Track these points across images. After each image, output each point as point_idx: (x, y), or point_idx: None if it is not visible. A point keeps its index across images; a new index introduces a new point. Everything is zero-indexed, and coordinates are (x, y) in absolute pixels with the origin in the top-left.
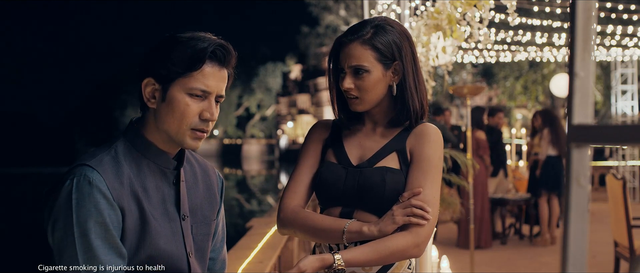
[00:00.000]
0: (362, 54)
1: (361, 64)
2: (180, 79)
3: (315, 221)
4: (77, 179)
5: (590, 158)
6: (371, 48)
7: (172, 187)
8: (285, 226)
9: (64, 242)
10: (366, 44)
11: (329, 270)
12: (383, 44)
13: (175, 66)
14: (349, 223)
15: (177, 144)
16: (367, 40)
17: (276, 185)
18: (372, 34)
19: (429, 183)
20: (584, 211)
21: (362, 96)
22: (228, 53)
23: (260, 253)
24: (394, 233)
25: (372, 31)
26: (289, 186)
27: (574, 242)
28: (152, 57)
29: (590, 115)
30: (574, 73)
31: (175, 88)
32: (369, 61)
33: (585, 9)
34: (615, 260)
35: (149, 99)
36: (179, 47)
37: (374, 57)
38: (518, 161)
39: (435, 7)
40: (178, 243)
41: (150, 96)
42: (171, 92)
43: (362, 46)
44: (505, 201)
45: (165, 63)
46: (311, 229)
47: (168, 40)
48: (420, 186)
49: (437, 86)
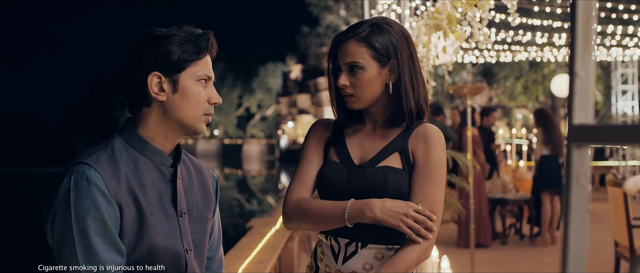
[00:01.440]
0: (357, 52)
1: (356, 61)
2: (188, 68)
3: (316, 208)
4: (74, 177)
5: (590, 158)
6: (367, 45)
7: (169, 184)
8: (290, 219)
9: (63, 239)
10: (362, 41)
11: None
12: (379, 42)
13: (183, 56)
14: (350, 204)
15: (188, 132)
16: (363, 38)
17: (276, 185)
18: (369, 33)
19: (434, 186)
20: (584, 211)
21: (357, 94)
22: (215, 42)
23: (261, 254)
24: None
25: (369, 30)
26: (292, 182)
27: (574, 242)
28: (150, 52)
29: (591, 115)
30: (574, 73)
31: (185, 77)
32: (364, 58)
33: (586, 9)
34: (615, 260)
35: (158, 92)
36: (176, 39)
37: (369, 54)
38: (518, 161)
39: (436, 7)
40: (176, 239)
41: (159, 89)
42: (183, 82)
43: (357, 44)
44: (505, 201)
45: (171, 55)
46: (313, 217)
47: (159, 34)
48: (426, 190)
49: (437, 86)
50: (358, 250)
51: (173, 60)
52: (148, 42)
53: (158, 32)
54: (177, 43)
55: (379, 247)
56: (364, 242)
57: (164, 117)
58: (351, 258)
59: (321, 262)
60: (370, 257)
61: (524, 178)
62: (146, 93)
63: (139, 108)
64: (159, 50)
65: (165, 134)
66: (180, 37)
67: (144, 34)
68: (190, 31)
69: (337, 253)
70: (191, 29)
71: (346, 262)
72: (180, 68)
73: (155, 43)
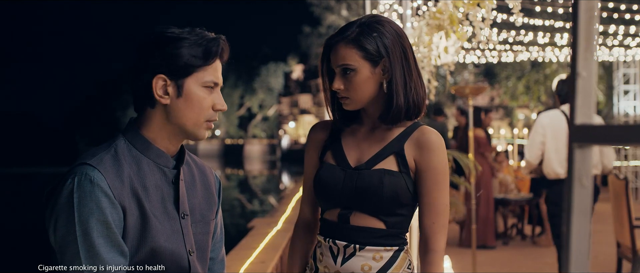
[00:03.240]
0: (347, 54)
1: (347, 63)
2: (195, 73)
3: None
4: (78, 178)
5: (592, 159)
6: (356, 47)
7: (171, 186)
8: None
9: (66, 240)
10: (350, 43)
11: None
12: (368, 42)
13: (191, 61)
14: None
15: (189, 137)
16: (351, 39)
17: (278, 185)
18: (358, 34)
19: (440, 192)
20: (587, 211)
21: (351, 96)
22: (227, 47)
23: (262, 254)
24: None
25: (358, 31)
26: (302, 195)
27: (576, 242)
28: (157, 53)
29: (593, 115)
30: (576, 73)
31: (190, 82)
32: (354, 60)
33: (588, 9)
34: (617, 260)
35: (162, 95)
36: (186, 42)
37: (360, 55)
38: (520, 161)
39: (438, 7)
40: (178, 241)
41: (163, 92)
42: (188, 87)
43: (346, 46)
44: (507, 201)
45: (179, 59)
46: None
47: (168, 35)
48: (433, 196)
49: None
50: (356, 251)
51: (180, 64)
52: (157, 44)
53: (169, 33)
54: (186, 47)
55: (378, 249)
56: (362, 243)
57: (167, 120)
58: (350, 260)
59: (320, 263)
60: (368, 259)
61: (526, 178)
62: (150, 95)
63: (143, 108)
64: (167, 52)
65: (167, 137)
66: (190, 41)
67: (154, 35)
68: (201, 35)
69: (335, 254)
70: (203, 32)
71: (345, 263)
72: (186, 73)
73: (163, 45)
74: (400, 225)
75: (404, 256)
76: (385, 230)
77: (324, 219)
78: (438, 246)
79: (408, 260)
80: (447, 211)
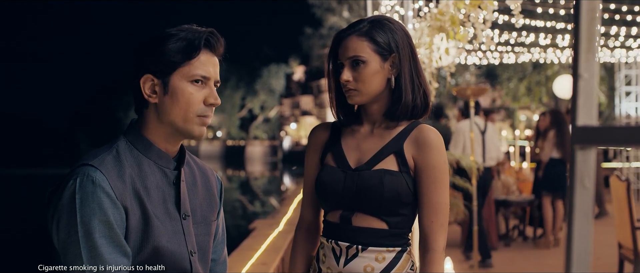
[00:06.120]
0: (358, 46)
1: (358, 55)
2: (180, 68)
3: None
4: (80, 179)
5: (594, 160)
6: (368, 39)
7: (173, 187)
8: None
9: (68, 241)
10: (363, 36)
11: None
12: (380, 36)
13: (174, 57)
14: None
15: (183, 135)
16: (364, 32)
17: (279, 187)
18: (369, 28)
19: (440, 190)
20: (588, 212)
21: (359, 88)
22: (219, 40)
23: (264, 255)
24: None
25: (369, 25)
26: (303, 197)
27: (578, 243)
28: (146, 53)
29: (594, 117)
30: (577, 75)
31: (175, 79)
32: (366, 52)
33: (589, 10)
34: (619, 261)
35: (150, 94)
36: (172, 40)
37: (371, 48)
38: (522, 163)
39: (439, 8)
40: (180, 242)
41: (151, 91)
42: (173, 83)
43: (358, 38)
44: (508, 202)
45: (162, 56)
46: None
47: (158, 35)
48: (432, 195)
49: (440, 87)
50: (359, 252)
51: (164, 61)
52: (146, 44)
53: (157, 33)
54: (170, 44)
55: (380, 250)
56: (364, 244)
57: (159, 120)
58: (352, 261)
59: (323, 264)
60: (371, 260)
61: (528, 180)
62: (142, 96)
63: (141, 110)
64: (153, 52)
65: (164, 137)
66: (176, 37)
67: (147, 37)
68: (188, 30)
69: (338, 255)
70: (191, 28)
71: (347, 265)
72: (171, 69)
73: (150, 45)
74: (403, 224)
75: (407, 257)
76: (388, 230)
77: (326, 221)
78: (437, 245)
79: (411, 262)
80: (446, 210)
